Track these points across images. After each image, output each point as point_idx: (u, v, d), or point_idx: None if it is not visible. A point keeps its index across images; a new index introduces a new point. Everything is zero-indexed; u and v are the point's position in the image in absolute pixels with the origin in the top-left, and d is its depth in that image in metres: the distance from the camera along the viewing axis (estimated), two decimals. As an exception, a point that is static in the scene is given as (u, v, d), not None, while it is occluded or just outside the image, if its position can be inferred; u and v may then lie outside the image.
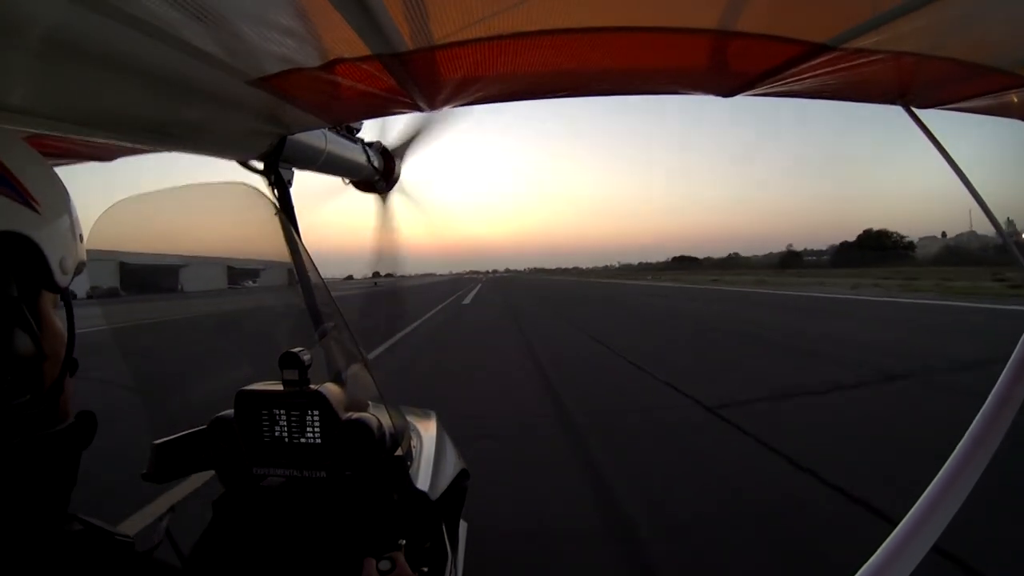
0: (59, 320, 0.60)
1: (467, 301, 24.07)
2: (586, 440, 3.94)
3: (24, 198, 0.53)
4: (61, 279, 0.57)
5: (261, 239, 1.35)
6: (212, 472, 1.24)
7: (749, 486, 3.02)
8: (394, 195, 1.94)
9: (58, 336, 0.59)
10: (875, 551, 1.14)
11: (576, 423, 4.38)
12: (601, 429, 4.17)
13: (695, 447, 3.73)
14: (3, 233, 0.51)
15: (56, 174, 0.59)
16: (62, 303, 0.61)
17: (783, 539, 2.43)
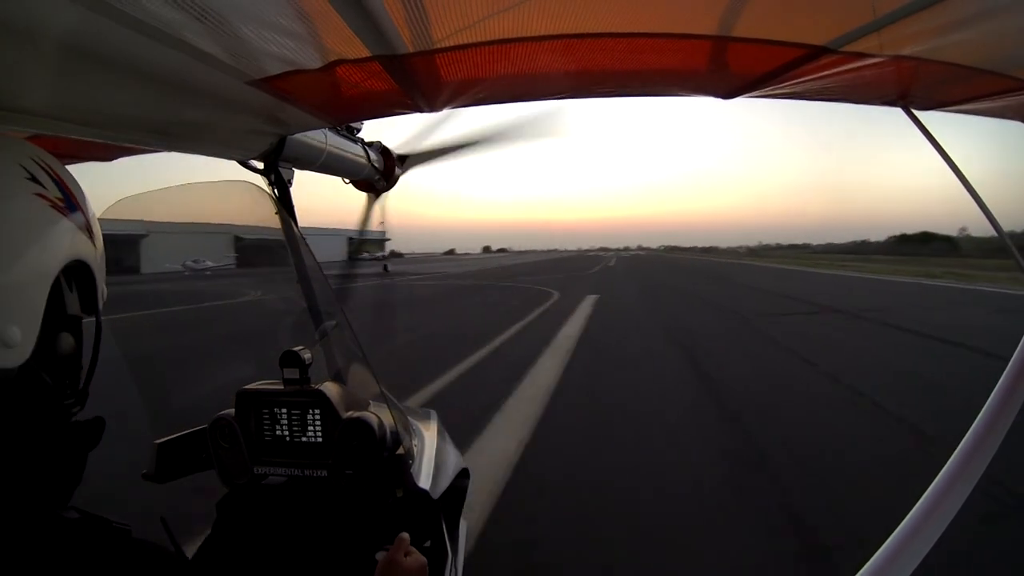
0: None
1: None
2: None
3: (89, 230, 0.61)
4: (100, 303, 0.65)
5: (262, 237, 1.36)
6: (213, 471, 1.24)
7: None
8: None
9: (83, 349, 0.65)
10: (876, 551, 1.14)
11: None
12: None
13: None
14: (77, 262, 0.59)
15: (88, 198, 0.64)
16: None
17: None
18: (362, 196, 1.95)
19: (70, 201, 0.58)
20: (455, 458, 1.54)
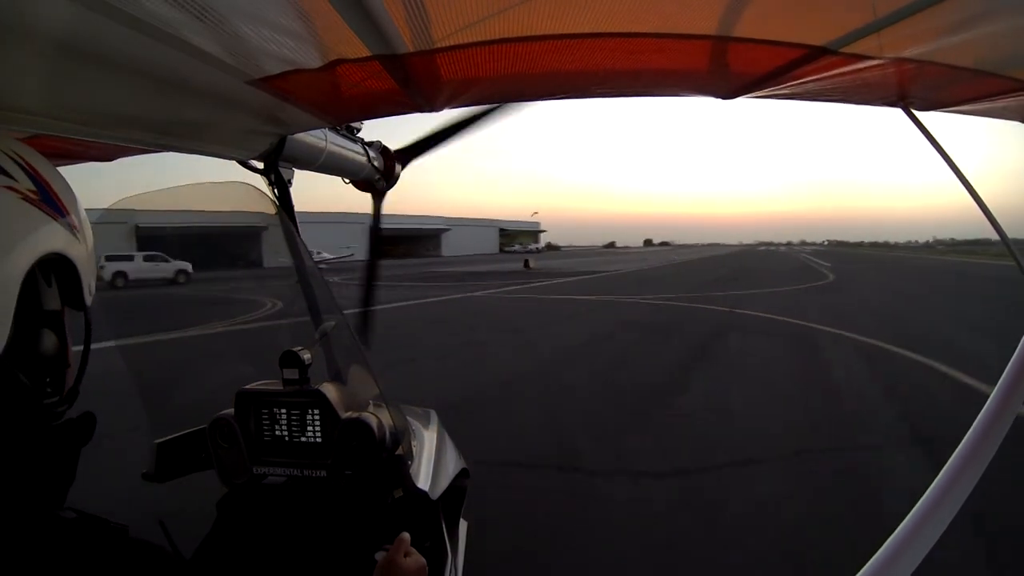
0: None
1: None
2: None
3: (69, 224, 0.59)
4: (87, 299, 0.63)
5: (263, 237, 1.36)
6: (213, 471, 1.24)
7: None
8: None
9: (73, 348, 0.63)
10: (876, 551, 1.13)
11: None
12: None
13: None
14: (55, 255, 0.57)
15: (76, 196, 0.63)
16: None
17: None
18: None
19: (47, 194, 0.56)
20: (455, 458, 1.54)
